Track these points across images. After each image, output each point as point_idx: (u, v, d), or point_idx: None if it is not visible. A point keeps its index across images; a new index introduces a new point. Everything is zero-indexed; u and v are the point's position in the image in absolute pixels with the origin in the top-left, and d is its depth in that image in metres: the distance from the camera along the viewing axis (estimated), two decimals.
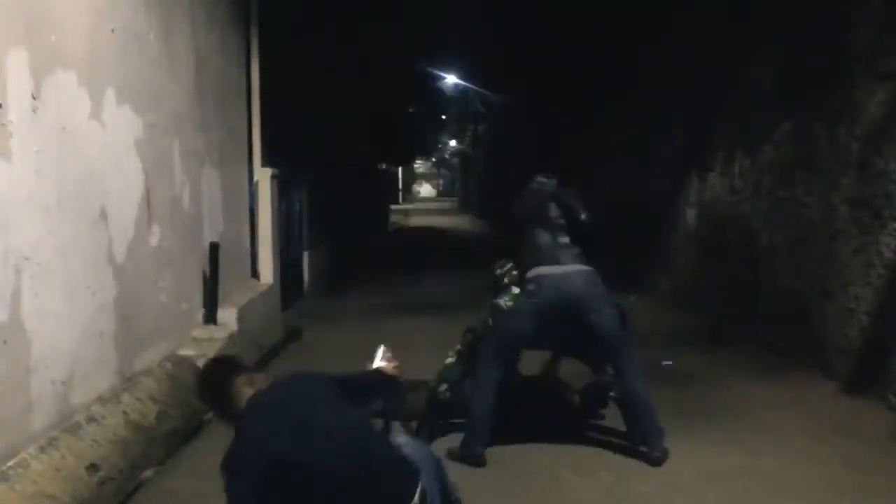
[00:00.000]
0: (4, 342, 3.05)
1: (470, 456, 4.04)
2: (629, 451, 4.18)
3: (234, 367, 2.76)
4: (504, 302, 4.39)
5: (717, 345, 6.60)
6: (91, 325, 3.82)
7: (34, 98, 3.31)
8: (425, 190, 68.80)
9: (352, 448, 2.46)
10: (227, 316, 5.59)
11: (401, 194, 47.34)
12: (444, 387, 4.51)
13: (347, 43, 11.98)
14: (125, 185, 4.28)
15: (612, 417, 4.71)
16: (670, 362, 6.05)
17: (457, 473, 3.85)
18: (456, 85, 23.51)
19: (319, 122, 10.43)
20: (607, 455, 4.15)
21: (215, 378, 2.73)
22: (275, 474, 2.37)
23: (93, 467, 3.41)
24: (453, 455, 4.02)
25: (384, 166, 24.66)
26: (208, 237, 5.61)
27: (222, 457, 2.42)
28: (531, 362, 4.71)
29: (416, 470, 2.56)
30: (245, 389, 2.60)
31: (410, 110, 22.71)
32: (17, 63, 3.19)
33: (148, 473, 3.88)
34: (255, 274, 6.95)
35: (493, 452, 4.27)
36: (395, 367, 3.13)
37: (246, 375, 2.68)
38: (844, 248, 5.18)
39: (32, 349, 3.25)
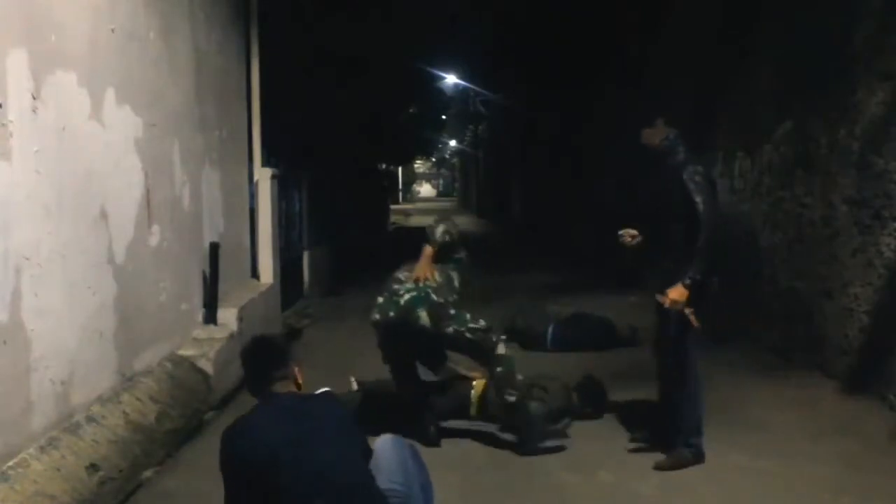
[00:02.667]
0: (4, 342, 3.05)
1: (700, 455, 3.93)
2: (630, 451, 4.18)
3: (280, 353, 2.80)
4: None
5: (716, 345, 6.59)
6: (91, 325, 3.82)
7: (34, 98, 3.30)
8: (425, 190, 68.85)
9: (338, 490, 2.41)
10: (227, 316, 5.59)
11: (401, 194, 47.37)
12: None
13: (348, 43, 11.97)
14: (125, 185, 4.28)
15: (611, 417, 4.72)
16: None
17: (457, 473, 3.87)
18: (456, 85, 23.53)
19: (319, 122, 10.43)
20: (607, 455, 4.15)
21: (258, 357, 2.78)
22: (246, 475, 2.42)
23: (93, 467, 3.41)
24: (668, 465, 3.91)
25: (384, 166, 24.66)
26: (208, 237, 5.61)
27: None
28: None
29: None
30: (277, 382, 2.65)
31: (410, 110, 22.70)
32: (17, 63, 3.19)
33: (148, 473, 3.88)
34: (255, 274, 6.95)
35: (492, 452, 4.27)
36: None
37: (287, 369, 2.71)
38: (844, 248, 5.18)
39: (32, 349, 3.25)
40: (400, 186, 46.88)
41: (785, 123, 6.09)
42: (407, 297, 4.23)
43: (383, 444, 2.75)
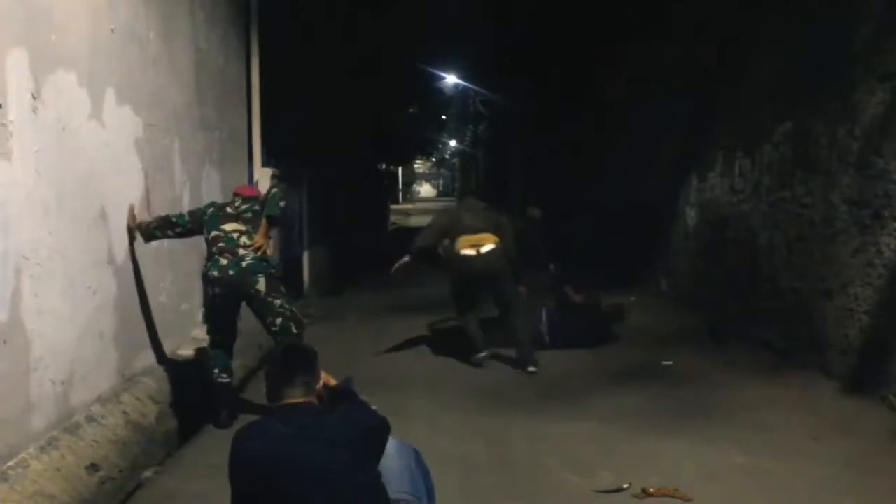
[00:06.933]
0: (4, 342, 3.05)
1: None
2: (630, 451, 4.18)
3: (305, 361, 2.67)
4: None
5: (717, 345, 6.60)
6: (91, 325, 3.82)
7: (34, 98, 3.30)
8: (425, 190, 68.86)
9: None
10: None
11: (401, 194, 47.39)
12: (216, 371, 4.67)
13: (348, 43, 11.98)
14: (125, 185, 4.28)
15: (613, 417, 4.72)
16: (670, 362, 6.05)
17: (458, 473, 3.87)
18: (456, 85, 23.55)
19: (320, 122, 10.44)
20: (607, 455, 4.15)
21: (280, 363, 2.68)
22: (253, 486, 2.38)
23: (93, 467, 3.41)
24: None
25: (384, 166, 24.67)
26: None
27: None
28: None
29: None
30: (297, 392, 2.54)
31: (410, 110, 22.71)
32: (17, 63, 3.19)
33: (148, 473, 3.88)
34: None
35: (494, 452, 4.27)
36: None
37: (309, 379, 2.60)
38: (844, 248, 5.18)
39: (32, 349, 3.25)
40: (400, 186, 46.90)
41: (785, 123, 6.09)
42: (250, 261, 4.58)
43: (387, 450, 2.71)
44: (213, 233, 4.65)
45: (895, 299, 4.68)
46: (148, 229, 4.48)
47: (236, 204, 4.79)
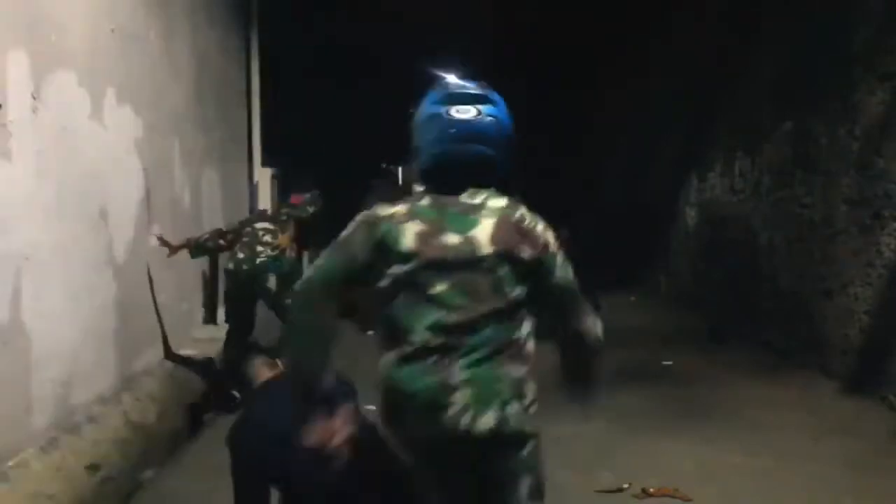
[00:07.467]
0: (4, 342, 3.05)
1: None
2: (630, 451, 4.19)
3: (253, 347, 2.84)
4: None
5: (717, 345, 6.60)
6: (91, 325, 3.81)
7: (34, 98, 3.30)
8: None
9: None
10: None
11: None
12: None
13: (348, 43, 11.97)
14: (125, 185, 4.28)
15: (613, 417, 4.72)
16: (670, 362, 6.06)
17: None
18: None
19: (320, 122, 10.44)
20: (607, 455, 4.15)
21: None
22: (266, 473, 2.40)
23: (93, 467, 3.41)
24: None
25: (384, 165, 24.66)
26: None
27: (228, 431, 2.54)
28: None
29: None
30: (264, 370, 2.72)
31: (411, 110, 22.69)
32: (17, 63, 3.19)
33: (148, 473, 3.88)
34: None
35: None
36: None
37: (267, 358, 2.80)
38: (844, 248, 5.18)
39: (32, 349, 3.25)
40: (400, 185, 46.97)
41: (785, 123, 6.09)
42: (263, 258, 4.87)
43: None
44: (246, 229, 4.97)
45: (895, 299, 4.68)
46: (198, 242, 4.79)
47: (280, 209, 5.17)
